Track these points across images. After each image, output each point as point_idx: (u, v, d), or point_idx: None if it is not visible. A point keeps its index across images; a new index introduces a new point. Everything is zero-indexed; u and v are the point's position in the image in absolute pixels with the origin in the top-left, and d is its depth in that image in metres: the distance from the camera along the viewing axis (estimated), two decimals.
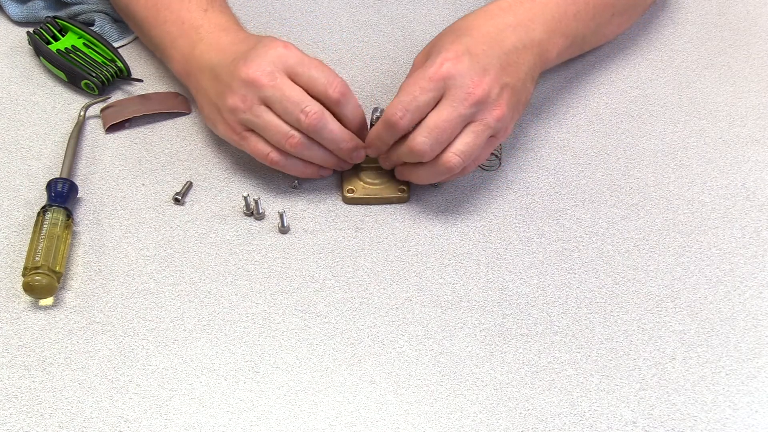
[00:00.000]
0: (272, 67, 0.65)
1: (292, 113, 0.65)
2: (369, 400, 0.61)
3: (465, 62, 0.64)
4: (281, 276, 0.67)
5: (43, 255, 0.64)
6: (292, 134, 0.66)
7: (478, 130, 0.65)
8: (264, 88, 0.65)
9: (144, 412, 0.60)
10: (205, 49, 0.70)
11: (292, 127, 0.66)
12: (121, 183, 0.73)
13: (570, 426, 0.59)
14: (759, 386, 0.62)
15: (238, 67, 0.66)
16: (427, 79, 0.64)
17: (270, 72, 0.65)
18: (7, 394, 0.61)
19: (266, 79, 0.65)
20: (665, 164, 0.75)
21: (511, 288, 0.67)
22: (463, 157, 0.65)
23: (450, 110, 0.63)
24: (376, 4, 0.89)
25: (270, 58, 0.65)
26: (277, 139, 0.66)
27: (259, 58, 0.65)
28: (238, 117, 0.67)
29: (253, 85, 0.65)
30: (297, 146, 0.66)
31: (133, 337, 0.64)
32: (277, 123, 0.66)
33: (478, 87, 0.63)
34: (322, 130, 0.66)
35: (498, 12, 0.69)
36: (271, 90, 0.65)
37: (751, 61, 0.84)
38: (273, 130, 0.66)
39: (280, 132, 0.66)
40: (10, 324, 0.64)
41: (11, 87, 0.80)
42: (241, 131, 0.68)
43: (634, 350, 0.63)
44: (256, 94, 0.65)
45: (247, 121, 0.66)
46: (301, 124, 0.65)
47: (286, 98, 0.65)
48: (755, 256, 0.69)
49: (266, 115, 0.66)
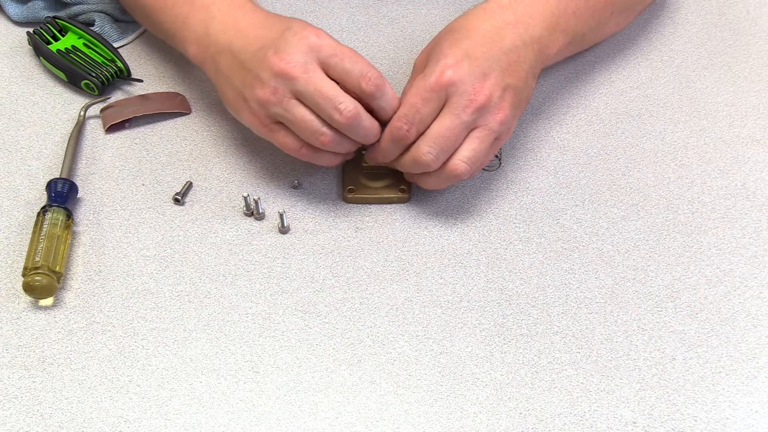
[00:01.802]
0: (305, 58, 0.62)
1: (325, 109, 0.63)
2: (369, 400, 0.61)
3: (465, 68, 0.63)
4: (281, 276, 0.67)
5: (43, 255, 0.64)
6: (324, 131, 0.64)
7: (482, 135, 0.64)
8: (297, 81, 0.62)
9: (144, 412, 0.60)
10: (219, 29, 0.68)
11: (323, 123, 0.64)
12: (121, 183, 0.73)
13: (570, 426, 0.59)
14: (759, 386, 0.61)
15: (268, 57, 0.63)
16: (429, 89, 0.63)
17: (303, 63, 0.62)
18: (7, 394, 0.61)
19: (299, 71, 0.62)
20: (665, 164, 0.75)
21: (511, 288, 0.67)
22: (470, 164, 0.65)
23: (452, 118, 0.63)
24: (376, 4, 0.89)
25: (302, 48, 0.63)
26: (308, 136, 0.64)
27: (291, 47, 0.62)
28: (268, 110, 0.64)
29: (285, 78, 0.62)
30: (328, 144, 0.64)
31: (133, 337, 0.63)
32: (309, 119, 0.63)
33: (479, 93, 0.63)
34: (356, 128, 0.64)
35: (497, 9, 0.68)
36: (304, 84, 0.62)
37: (751, 61, 0.84)
38: (304, 126, 0.64)
39: (312, 128, 0.64)
40: (10, 324, 0.64)
41: (11, 87, 0.80)
42: (270, 124, 0.65)
43: (634, 350, 0.63)
44: (288, 87, 0.63)
45: (277, 115, 0.64)
46: (335, 121, 0.63)
47: (320, 93, 0.62)
48: (755, 256, 0.69)
49: (298, 110, 0.63)
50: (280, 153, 0.75)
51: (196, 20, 0.69)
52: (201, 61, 0.70)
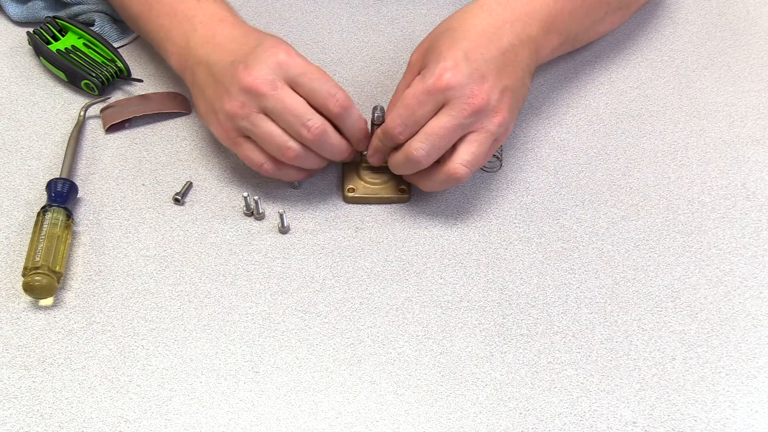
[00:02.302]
0: (273, 75, 0.63)
1: (293, 126, 0.64)
2: (369, 400, 0.61)
3: (463, 70, 0.63)
4: (281, 276, 0.67)
5: (43, 255, 0.64)
6: (290, 146, 0.65)
7: (481, 138, 0.64)
8: (264, 98, 0.63)
9: (144, 412, 0.60)
10: (199, 42, 0.69)
11: (290, 137, 0.64)
12: (121, 183, 0.73)
13: (570, 426, 0.59)
14: (759, 386, 0.62)
15: (238, 72, 0.64)
16: (426, 92, 0.63)
17: (271, 81, 0.63)
18: (7, 394, 0.61)
19: (267, 88, 0.63)
20: (665, 164, 0.75)
21: (511, 288, 0.67)
22: (470, 167, 0.65)
23: (449, 119, 0.63)
24: (375, 4, 0.88)
25: (271, 65, 0.63)
26: (273, 150, 0.65)
27: (260, 64, 0.63)
28: (235, 123, 0.65)
29: (253, 93, 0.63)
30: (294, 159, 0.65)
31: (133, 337, 0.64)
32: (276, 133, 0.64)
33: (477, 96, 0.63)
34: (323, 144, 0.65)
35: (495, 7, 0.68)
36: (273, 100, 0.63)
37: (751, 61, 0.84)
38: (270, 141, 0.65)
39: (278, 143, 0.65)
40: (10, 324, 0.64)
41: (11, 87, 0.80)
42: (236, 137, 0.66)
43: (634, 350, 0.63)
44: (256, 102, 0.64)
45: (244, 129, 0.65)
46: (303, 137, 0.64)
47: (288, 110, 0.63)
48: (755, 256, 0.69)
49: (265, 125, 0.64)
50: None
51: (179, 33, 0.71)
52: (181, 71, 0.72)
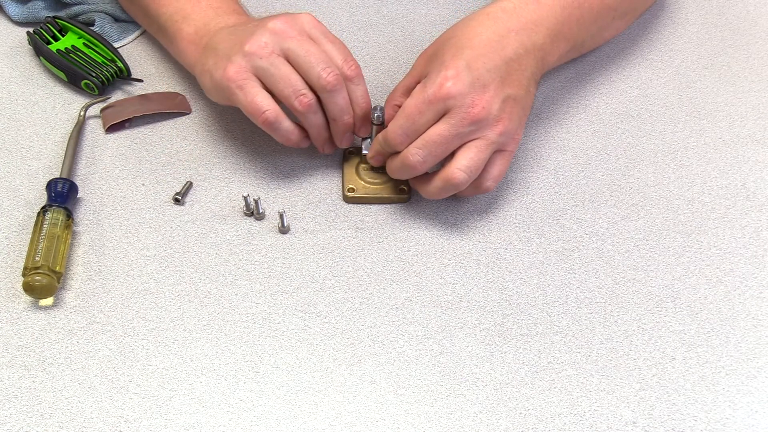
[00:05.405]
0: (300, 27, 0.66)
1: (315, 67, 0.65)
2: (369, 400, 0.61)
3: (465, 80, 0.63)
4: (281, 276, 0.67)
5: (43, 255, 0.64)
6: (305, 92, 0.65)
7: (480, 145, 0.64)
8: (290, 40, 0.65)
9: (144, 412, 0.60)
10: (221, 22, 0.71)
11: (306, 85, 0.65)
12: (121, 183, 0.73)
13: (570, 426, 0.59)
14: (759, 386, 0.62)
15: (265, 22, 0.66)
16: (427, 101, 0.63)
17: (299, 29, 0.66)
18: (7, 394, 0.61)
19: (293, 32, 0.65)
20: (665, 164, 0.75)
21: (511, 288, 0.67)
22: (468, 173, 0.65)
23: (447, 127, 0.63)
24: (376, 4, 0.89)
25: (298, 19, 0.66)
26: (287, 94, 0.65)
27: (289, 17, 0.66)
28: (251, 62, 0.65)
29: (278, 35, 0.65)
30: (306, 105, 0.66)
31: (133, 337, 0.64)
32: (293, 77, 0.65)
33: (476, 106, 0.63)
34: (337, 94, 0.66)
35: (501, 15, 0.67)
36: (297, 43, 0.65)
37: (751, 61, 0.84)
38: (286, 83, 0.65)
39: (293, 86, 0.65)
40: (10, 324, 0.64)
41: (11, 87, 0.80)
42: (246, 78, 0.65)
43: (634, 350, 0.63)
44: (279, 44, 0.65)
45: (260, 69, 0.65)
46: (321, 81, 0.65)
47: (311, 53, 0.65)
48: (755, 256, 0.69)
49: (284, 67, 0.65)
50: (281, 153, 0.75)
51: (199, 15, 0.73)
52: (192, 47, 0.72)
